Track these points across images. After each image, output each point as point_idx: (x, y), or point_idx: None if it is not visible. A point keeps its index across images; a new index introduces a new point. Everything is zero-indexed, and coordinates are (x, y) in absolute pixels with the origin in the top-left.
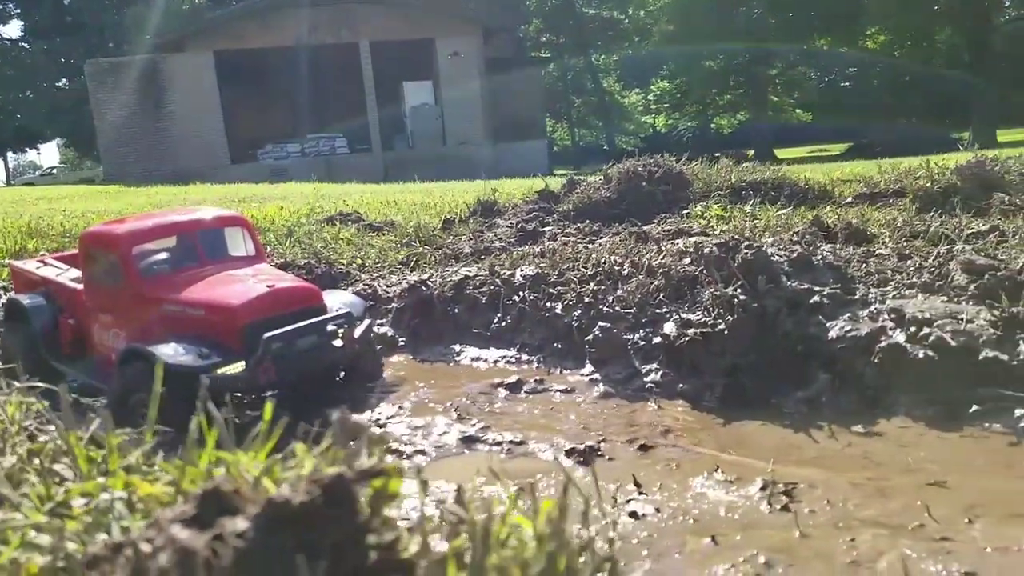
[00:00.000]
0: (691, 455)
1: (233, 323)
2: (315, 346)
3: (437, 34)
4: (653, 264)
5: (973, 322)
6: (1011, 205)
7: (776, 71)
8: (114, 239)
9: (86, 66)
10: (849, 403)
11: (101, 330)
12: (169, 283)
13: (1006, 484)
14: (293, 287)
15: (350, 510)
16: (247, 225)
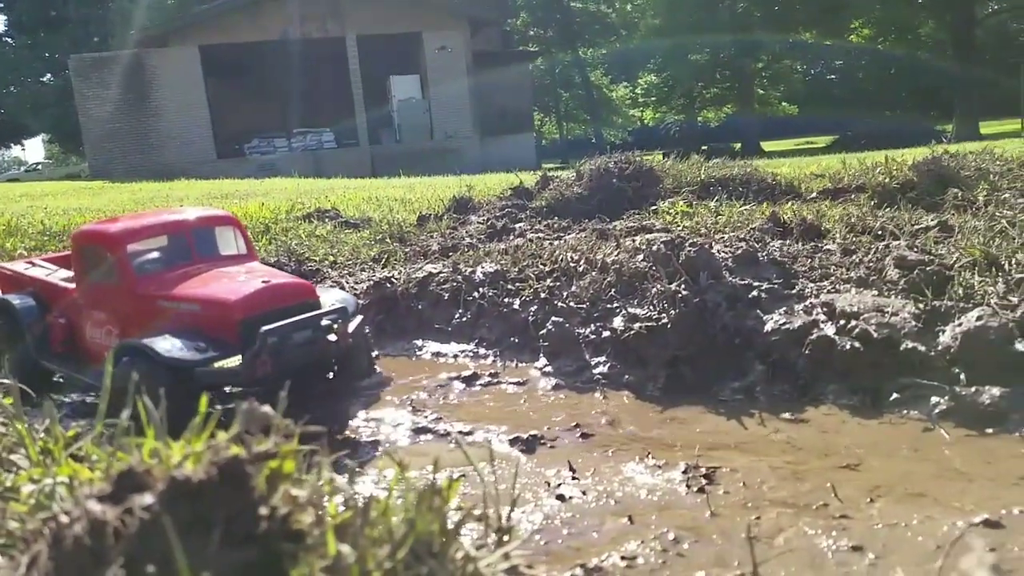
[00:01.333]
0: (627, 442)
1: (229, 318)
2: (310, 340)
3: (424, 28)
4: (607, 261)
5: (897, 315)
6: (964, 200)
7: (762, 64)
8: (108, 237)
9: (70, 61)
10: (781, 392)
11: (94, 328)
12: (163, 280)
13: (912, 466)
14: (288, 283)
15: (242, 487)
16: (238, 224)
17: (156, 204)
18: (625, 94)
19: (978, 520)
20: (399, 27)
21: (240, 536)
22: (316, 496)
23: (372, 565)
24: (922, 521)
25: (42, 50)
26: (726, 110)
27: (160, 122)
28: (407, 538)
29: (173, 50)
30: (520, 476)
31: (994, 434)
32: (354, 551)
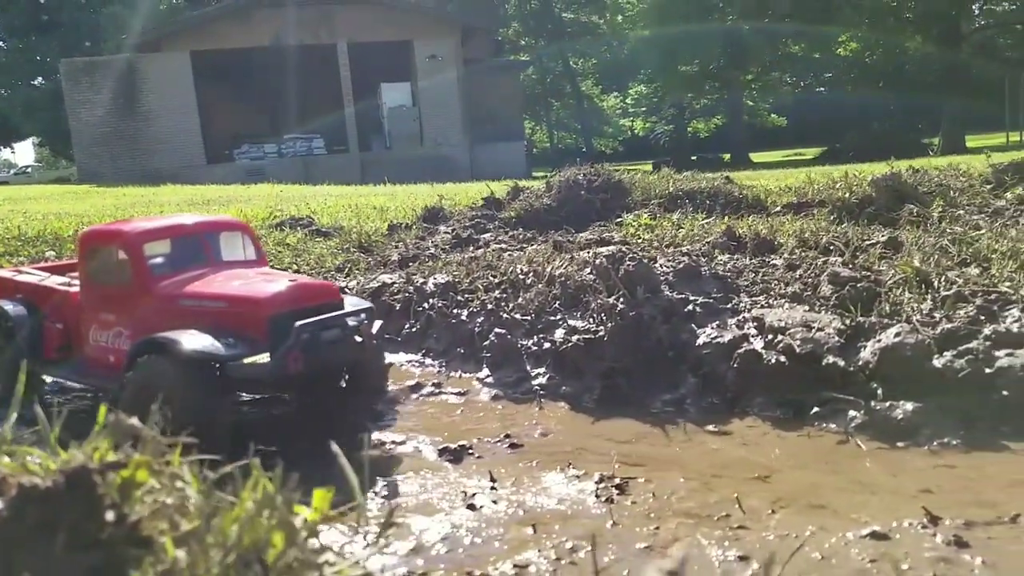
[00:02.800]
0: (554, 453)
1: (258, 315)
2: (338, 339)
3: (415, 36)
4: (554, 274)
5: (823, 330)
6: (918, 216)
7: (751, 76)
8: (124, 237)
9: (61, 65)
10: (711, 404)
11: (99, 330)
12: (182, 280)
13: (820, 479)
14: (314, 283)
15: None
16: (250, 231)
17: (139, 209)
18: (616, 104)
19: (866, 532)
20: (390, 35)
21: (85, 541)
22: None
23: (202, 570)
24: (815, 532)
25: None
26: (716, 121)
27: (150, 127)
28: (239, 544)
29: (164, 55)
30: (442, 486)
31: (905, 447)
32: (188, 556)
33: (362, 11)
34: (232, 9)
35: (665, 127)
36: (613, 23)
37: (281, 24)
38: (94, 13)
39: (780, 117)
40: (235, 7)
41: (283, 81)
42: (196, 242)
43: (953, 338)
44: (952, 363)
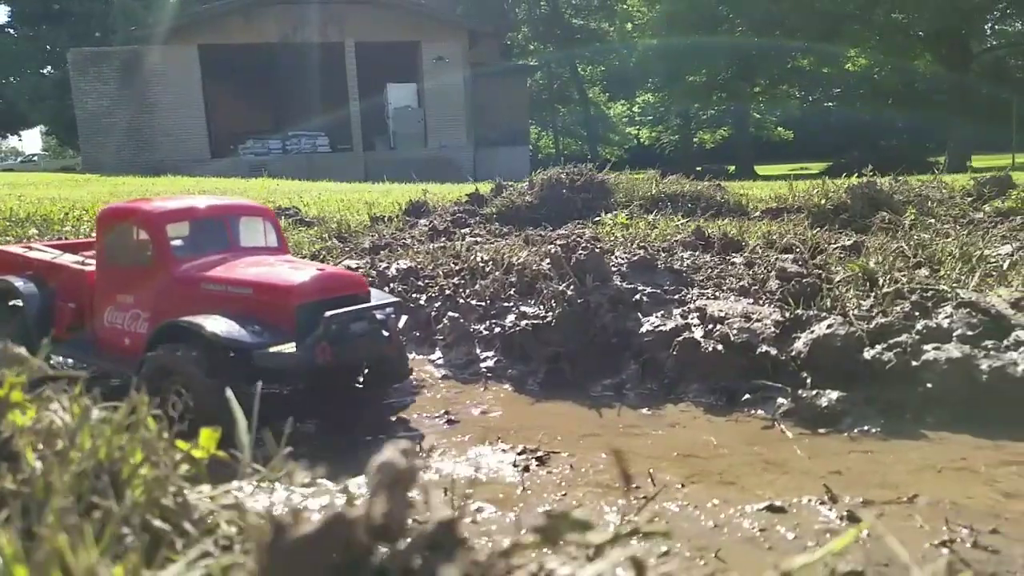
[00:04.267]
0: (488, 429)
1: (286, 303)
2: (367, 332)
3: (423, 37)
4: (512, 262)
5: (760, 321)
6: (890, 223)
7: (759, 88)
8: (145, 216)
9: (69, 55)
10: (649, 390)
11: (115, 311)
12: (204, 263)
13: (738, 459)
14: (342, 273)
15: None
16: (273, 218)
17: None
18: (622, 112)
19: (764, 505)
20: (397, 35)
21: None
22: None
23: (55, 479)
24: (716, 504)
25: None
26: (722, 132)
27: (155, 119)
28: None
29: (172, 48)
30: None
31: (826, 434)
32: (44, 466)
33: (370, 11)
34: (241, 5)
35: (671, 137)
36: (622, 31)
37: (289, 21)
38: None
39: (787, 130)
40: (245, 3)
41: (289, 78)
42: (219, 225)
43: (886, 332)
44: (881, 355)
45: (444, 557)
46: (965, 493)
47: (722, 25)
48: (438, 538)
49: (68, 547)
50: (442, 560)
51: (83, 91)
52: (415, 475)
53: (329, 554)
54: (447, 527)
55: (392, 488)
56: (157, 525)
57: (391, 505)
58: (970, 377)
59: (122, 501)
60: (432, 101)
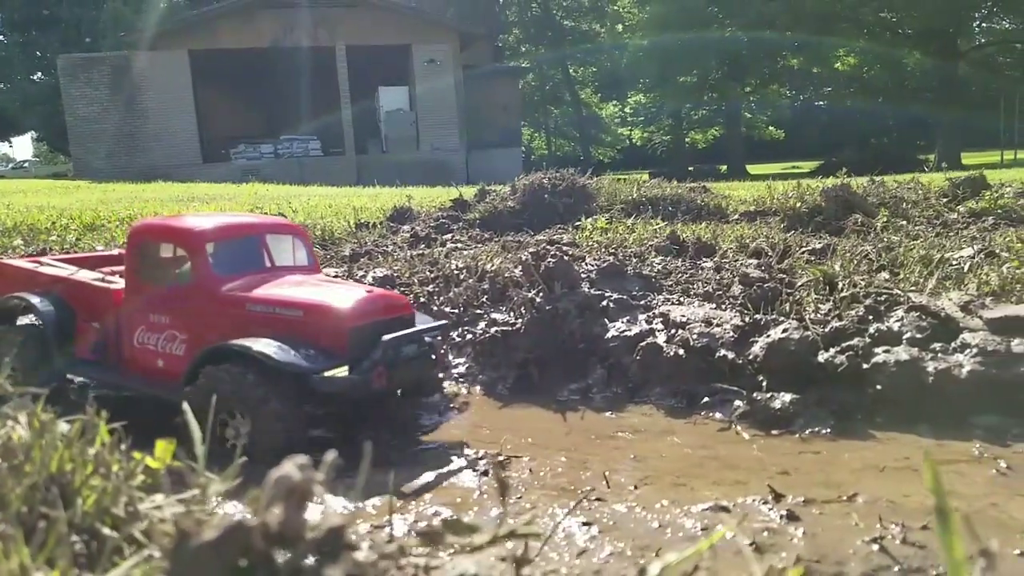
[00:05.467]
0: (453, 433)
1: (340, 326)
2: (416, 355)
3: (414, 40)
4: (485, 269)
5: (720, 326)
6: (862, 226)
7: (750, 88)
8: (185, 234)
9: (59, 60)
10: (614, 393)
11: (147, 332)
12: (246, 283)
13: (692, 460)
14: (391, 294)
15: None
16: (305, 236)
17: (124, 205)
18: (614, 112)
19: (709, 505)
20: (388, 39)
21: None
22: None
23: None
24: (665, 505)
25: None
26: (713, 132)
27: (147, 124)
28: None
29: (162, 53)
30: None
31: (779, 435)
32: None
33: (361, 14)
34: (232, 9)
35: (663, 137)
36: (613, 32)
37: (280, 25)
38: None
39: (778, 129)
40: (235, 7)
41: (281, 82)
42: (256, 243)
43: (840, 335)
44: (834, 358)
45: (331, 560)
46: (903, 491)
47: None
48: (327, 543)
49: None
50: (329, 562)
51: (73, 97)
52: (310, 487)
53: (230, 557)
54: (336, 533)
55: (287, 499)
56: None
57: (286, 514)
58: (917, 379)
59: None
60: (424, 104)
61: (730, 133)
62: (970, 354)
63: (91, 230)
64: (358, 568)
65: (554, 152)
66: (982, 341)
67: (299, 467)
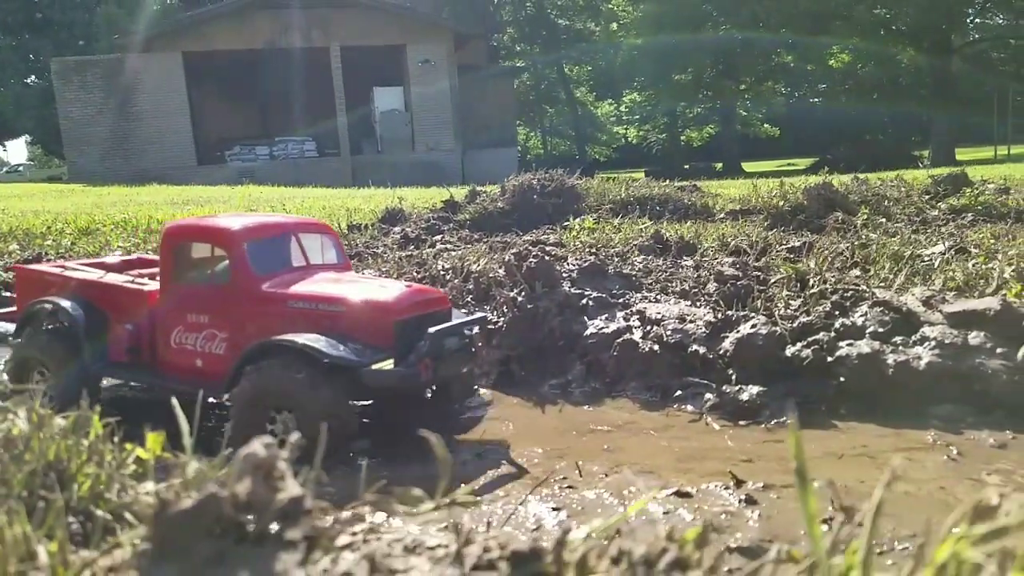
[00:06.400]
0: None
1: (384, 320)
2: (459, 348)
3: (408, 40)
4: (471, 269)
5: (693, 322)
6: (843, 223)
7: (744, 86)
8: (224, 234)
9: (52, 64)
10: (593, 388)
11: (185, 332)
12: (285, 281)
13: (662, 450)
14: (429, 289)
15: None
16: (333, 234)
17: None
18: (610, 111)
19: (672, 491)
20: (383, 39)
21: None
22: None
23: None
24: (633, 491)
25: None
26: (709, 130)
27: (141, 127)
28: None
29: (156, 55)
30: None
31: (746, 425)
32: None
33: (355, 15)
34: (226, 11)
35: (658, 135)
36: (607, 31)
37: (274, 27)
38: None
39: (773, 127)
40: (228, 9)
41: (276, 84)
42: (291, 242)
43: (807, 330)
44: (800, 352)
45: (292, 524)
46: (858, 477)
47: (706, 23)
48: (289, 510)
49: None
50: (291, 526)
51: (67, 100)
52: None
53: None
54: (297, 501)
55: (255, 473)
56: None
57: (253, 486)
58: (878, 371)
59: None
60: (419, 104)
61: (725, 131)
62: (929, 347)
63: (86, 234)
64: (315, 531)
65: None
66: (940, 334)
67: (265, 446)
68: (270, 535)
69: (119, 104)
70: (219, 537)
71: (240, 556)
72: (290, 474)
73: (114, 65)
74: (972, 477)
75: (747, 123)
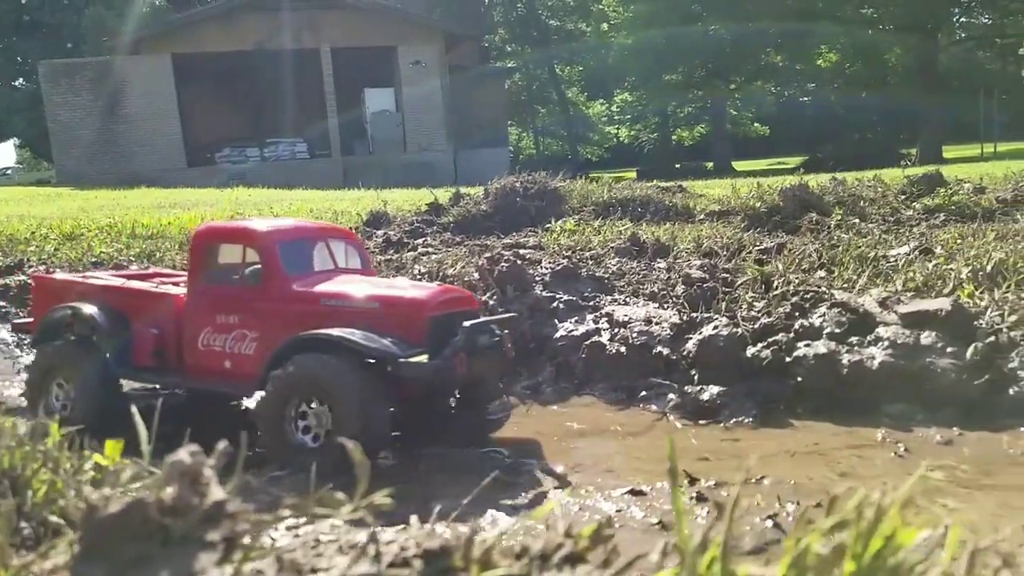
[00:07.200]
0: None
1: (419, 316)
2: (490, 346)
3: (399, 42)
4: (446, 273)
5: (659, 324)
6: (817, 224)
7: (734, 86)
8: (256, 236)
9: (40, 66)
10: (562, 388)
11: (213, 334)
12: (316, 280)
13: (623, 449)
14: (457, 288)
15: None
16: (358, 240)
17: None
18: (601, 111)
19: (627, 489)
20: (374, 40)
21: None
22: None
23: None
24: (589, 490)
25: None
26: (699, 129)
27: (130, 129)
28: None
29: (145, 58)
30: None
31: (706, 424)
32: None
33: (346, 16)
34: (215, 13)
35: (650, 135)
36: (598, 31)
37: (264, 28)
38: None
39: (763, 126)
40: (218, 11)
41: (266, 85)
42: (320, 245)
43: (768, 331)
44: (760, 353)
45: (213, 526)
46: (807, 474)
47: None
48: (212, 514)
49: None
50: (212, 528)
51: (55, 103)
52: (200, 470)
53: (131, 527)
54: (219, 505)
55: (180, 479)
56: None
57: (179, 491)
58: (834, 370)
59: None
60: (410, 105)
61: (716, 130)
62: (882, 347)
63: (70, 239)
64: (233, 533)
65: (542, 151)
66: (894, 334)
67: (191, 453)
68: (193, 537)
69: (108, 106)
70: (146, 540)
71: (163, 557)
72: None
73: (103, 67)
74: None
75: (737, 122)
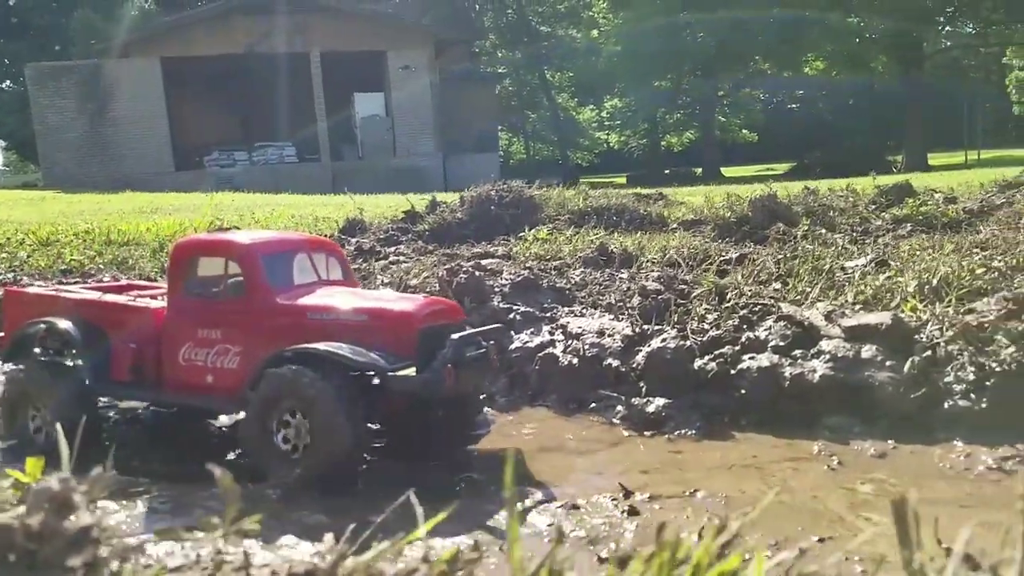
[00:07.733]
0: None
1: (407, 328)
2: (478, 358)
3: (389, 46)
4: (409, 284)
5: (611, 336)
6: (784, 235)
7: (723, 93)
8: (238, 248)
9: (27, 69)
10: (517, 399)
11: (195, 348)
12: (300, 293)
13: (569, 462)
14: (444, 300)
15: None
16: (339, 252)
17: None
18: (592, 117)
19: (563, 503)
20: (363, 45)
21: None
22: None
23: None
24: (527, 504)
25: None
26: (689, 135)
27: (118, 133)
28: None
29: (133, 61)
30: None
31: (651, 436)
32: None
33: (335, 21)
34: (205, 16)
35: (639, 141)
36: (588, 37)
37: (254, 32)
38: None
39: (751, 133)
40: (208, 14)
41: (255, 89)
42: (303, 258)
43: (716, 343)
44: (706, 365)
45: (77, 551)
46: (740, 487)
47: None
48: (77, 539)
49: None
50: (75, 553)
51: (42, 106)
52: (69, 496)
53: None
54: (85, 531)
55: (48, 504)
56: None
57: (45, 517)
58: (776, 383)
59: None
60: (400, 110)
61: (705, 136)
62: (824, 360)
63: (45, 245)
64: (97, 559)
65: (532, 156)
66: (835, 348)
67: (59, 480)
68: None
69: (96, 110)
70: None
71: None
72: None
73: (90, 70)
74: (846, 486)
75: (726, 129)
